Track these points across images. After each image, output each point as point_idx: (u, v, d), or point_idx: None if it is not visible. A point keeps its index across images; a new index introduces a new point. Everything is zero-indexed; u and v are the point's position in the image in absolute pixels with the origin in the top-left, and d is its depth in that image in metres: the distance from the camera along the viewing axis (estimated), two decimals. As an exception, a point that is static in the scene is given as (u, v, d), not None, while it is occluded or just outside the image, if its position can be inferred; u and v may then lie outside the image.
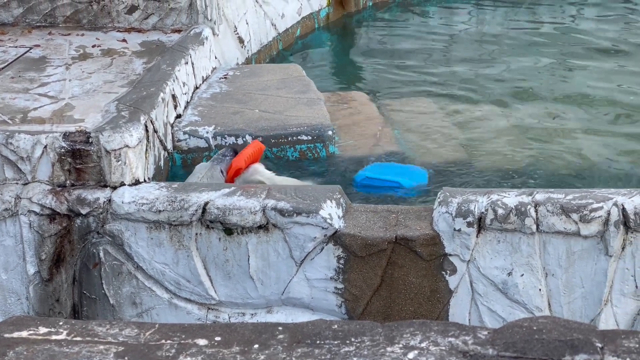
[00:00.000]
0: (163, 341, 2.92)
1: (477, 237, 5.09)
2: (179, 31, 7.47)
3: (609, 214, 4.94)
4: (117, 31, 7.52)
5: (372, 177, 6.16)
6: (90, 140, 5.46)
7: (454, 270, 5.16)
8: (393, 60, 9.10)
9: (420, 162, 6.55)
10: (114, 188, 5.48)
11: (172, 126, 6.32)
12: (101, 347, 2.90)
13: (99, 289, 5.53)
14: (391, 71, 8.78)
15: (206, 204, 5.29)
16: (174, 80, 6.44)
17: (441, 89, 8.20)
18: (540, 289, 5.11)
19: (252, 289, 5.36)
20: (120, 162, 5.45)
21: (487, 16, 10.32)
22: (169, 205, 5.33)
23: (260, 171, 5.95)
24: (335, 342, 2.86)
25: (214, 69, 7.50)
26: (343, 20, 10.24)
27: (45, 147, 5.48)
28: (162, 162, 6.05)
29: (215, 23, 7.61)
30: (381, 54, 9.31)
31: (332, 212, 5.20)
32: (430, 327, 2.89)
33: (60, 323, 3.03)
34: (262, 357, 2.81)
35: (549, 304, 5.13)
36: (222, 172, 5.87)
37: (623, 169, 6.59)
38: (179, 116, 6.49)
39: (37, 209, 5.46)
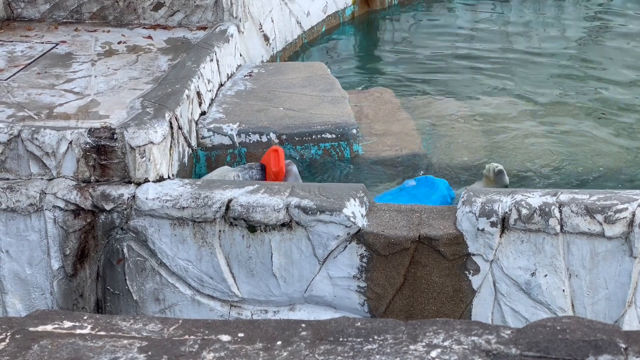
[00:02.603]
0: (186, 337, 2.93)
1: (500, 237, 5.08)
2: (204, 28, 7.48)
3: (633, 215, 4.92)
4: (143, 28, 7.54)
5: None
6: (115, 136, 5.48)
7: (477, 270, 5.15)
8: (418, 57, 9.08)
9: (444, 161, 6.54)
10: (138, 184, 5.50)
11: (196, 123, 6.34)
12: (125, 341, 2.91)
13: (123, 285, 5.55)
14: (416, 69, 8.77)
15: (230, 201, 5.31)
16: (198, 78, 6.45)
17: (466, 87, 8.19)
18: (563, 290, 5.09)
19: (274, 286, 5.37)
20: (144, 159, 5.47)
21: (513, 13, 10.27)
22: (193, 202, 5.34)
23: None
24: (358, 340, 2.86)
25: (239, 66, 7.51)
26: (368, 18, 10.23)
27: (71, 142, 5.50)
28: (186, 159, 6.07)
29: (240, 20, 7.61)
30: (406, 52, 9.30)
31: (355, 210, 5.20)
32: (453, 326, 2.89)
33: (85, 317, 3.05)
34: (285, 353, 2.81)
35: (573, 305, 5.12)
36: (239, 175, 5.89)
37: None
38: (203, 113, 6.51)
39: (61, 204, 5.49)
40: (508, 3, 10.53)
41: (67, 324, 3.02)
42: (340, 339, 2.87)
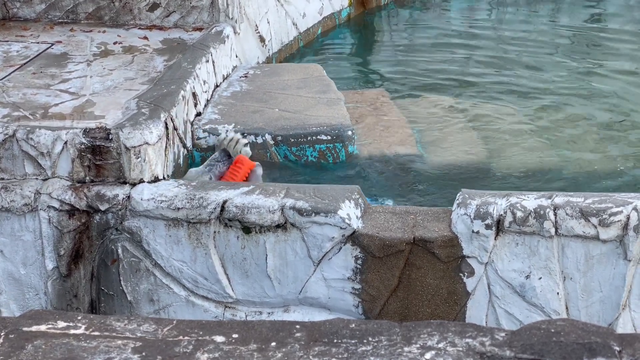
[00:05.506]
0: (181, 337, 2.92)
1: (495, 239, 5.08)
2: (200, 29, 7.48)
3: (628, 218, 4.93)
4: (139, 28, 7.54)
5: None
6: (110, 136, 5.47)
7: (471, 273, 5.15)
8: (413, 59, 9.09)
9: (439, 162, 6.55)
10: (133, 185, 5.50)
11: (192, 124, 6.33)
12: (119, 342, 2.90)
13: (117, 286, 5.55)
14: (411, 70, 8.78)
15: (225, 202, 5.30)
16: (194, 78, 6.45)
17: (462, 88, 8.19)
18: (558, 293, 5.09)
19: (269, 287, 5.37)
20: (139, 159, 5.47)
21: (509, 14, 10.29)
22: (188, 202, 5.34)
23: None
24: (353, 341, 2.86)
25: (235, 67, 7.51)
26: (364, 19, 10.24)
27: (66, 143, 5.50)
28: (181, 160, 6.06)
29: (236, 21, 7.62)
30: (402, 53, 9.31)
31: (350, 212, 5.20)
32: (447, 328, 2.89)
33: (79, 317, 3.04)
34: (279, 354, 2.81)
35: (567, 308, 5.12)
36: (211, 179, 5.81)
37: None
38: (199, 114, 6.51)
39: (56, 204, 5.48)
40: (504, 3, 10.54)
41: (61, 324, 3.02)
42: (335, 341, 2.87)
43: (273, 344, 2.87)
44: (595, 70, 8.69)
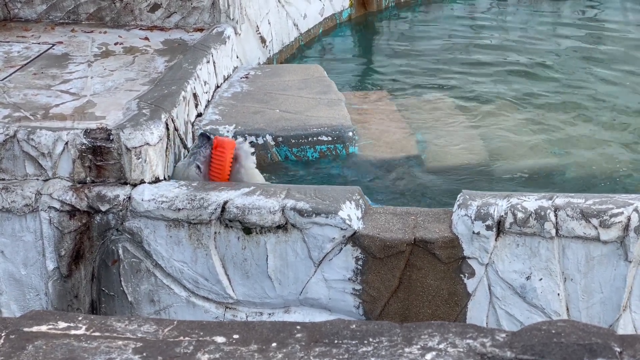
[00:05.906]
0: (181, 338, 2.92)
1: (496, 240, 5.08)
2: (201, 30, 7.48)
3: (629, 219, 4.93)
4: (140, 29, 7.54)
5: None
6: (111, 137, 5.47)
7: (472, 274, 5.15)
8: (415, 59, 9.09)
9: (440, 163, 6.55)
10: (134, 185, 5.50)
11: (192, 125, 6.33)
12: (120, 342, 2.90)
13: (118, 286, 5.55)
14: (412, 71, 8.78)
15: (225, 203, 5.30)
16: (195, 79, 6.45)
17: (463, 89, 8.19)
18: (558, 294, 5.09)
19: (270, 288, 5.37)
20: (140, 160, 5.47)
21: (510, 15, 10.29)
22: (189, 203, 5.34)
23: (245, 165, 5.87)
24: (353, 342, 2.86)
25: (236, 68, 7.51)
26: (365, 20, 10.24)
27: (67, 143, 5.50)
28: (182, 161, 6.06)
29: (237, 22, 7.62)
30: (403, 54, 9.31)
31: (351, 213, 5.20)
32: (448, 329, 2.89)
33: (80, 318, 3.04)
34: (280, 355, 2.81)
35: (567, 309, 5.12)
36: (198, 167, 5.76)
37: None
38: (199, 115, 6.51)
39: (57, 205, 5.48)
40: (505, 5, 10.54)
41: (62, 324, 3.02)
42: (335, 341, 2.87)
43: (274, 344, 2.87)
44: (597, 68, 8.68)
